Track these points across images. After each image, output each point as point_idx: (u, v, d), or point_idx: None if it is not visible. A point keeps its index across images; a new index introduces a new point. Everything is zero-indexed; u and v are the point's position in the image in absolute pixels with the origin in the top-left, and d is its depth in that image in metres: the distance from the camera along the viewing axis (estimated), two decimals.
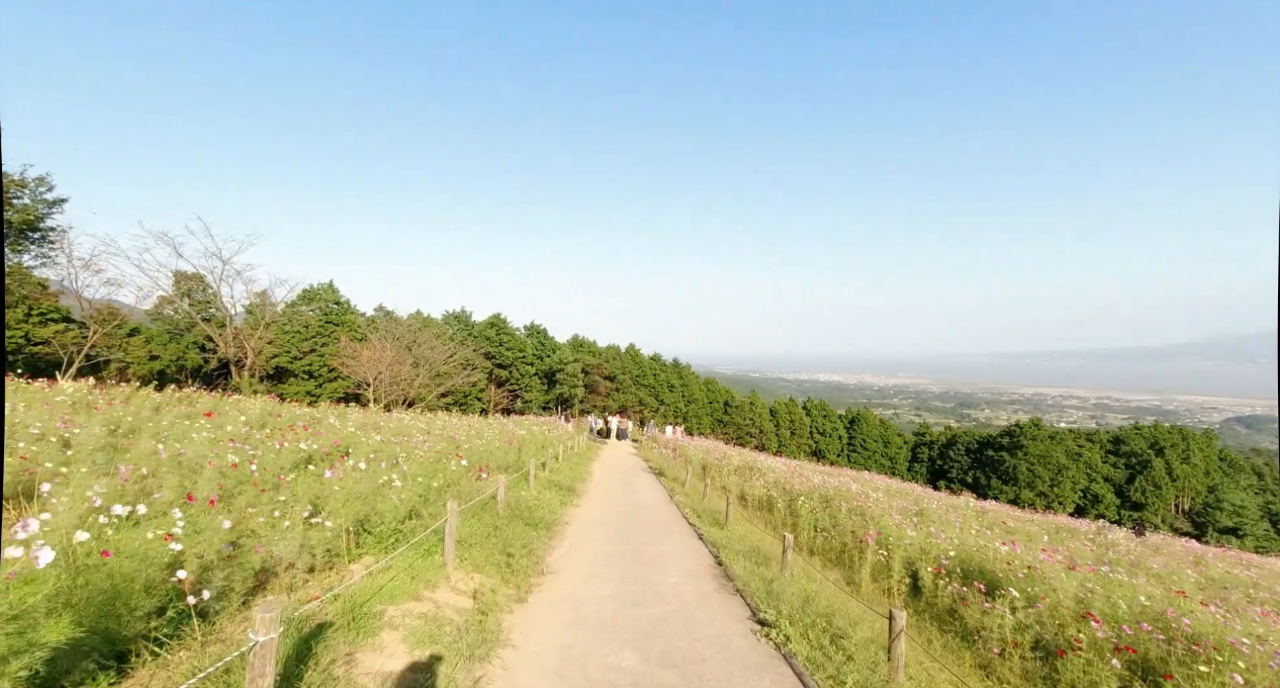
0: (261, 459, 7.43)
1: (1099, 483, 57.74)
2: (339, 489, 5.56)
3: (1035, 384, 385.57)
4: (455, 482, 8.62)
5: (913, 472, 68.56)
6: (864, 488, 17.56)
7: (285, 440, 8.93)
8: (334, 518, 5.01)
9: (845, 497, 13.82)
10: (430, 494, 7.14)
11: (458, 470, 9.15)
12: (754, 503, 15.23)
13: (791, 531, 12.38)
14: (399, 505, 6.17)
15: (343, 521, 5.10)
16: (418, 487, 6.90)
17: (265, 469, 6.27)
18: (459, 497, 7.93)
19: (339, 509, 5.15)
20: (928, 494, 30.12)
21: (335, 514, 5.07)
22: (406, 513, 6.26)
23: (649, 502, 12.78)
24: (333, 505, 5.19)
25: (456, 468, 9.18)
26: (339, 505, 5.21)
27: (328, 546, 4.71)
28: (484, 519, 7.82)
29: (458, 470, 9.15)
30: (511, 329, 53.02)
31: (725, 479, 21.17)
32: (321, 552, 4.45)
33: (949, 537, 9.56)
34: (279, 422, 12.00)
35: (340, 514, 5.11)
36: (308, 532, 4.58)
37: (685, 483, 16.28)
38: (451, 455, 10.11)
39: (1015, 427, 62.09)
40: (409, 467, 8.57)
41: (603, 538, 8.96)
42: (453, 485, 8.35)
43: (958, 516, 17.23)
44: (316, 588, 4.32)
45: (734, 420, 65.10)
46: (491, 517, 8.05)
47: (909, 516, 13.56)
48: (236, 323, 26.35)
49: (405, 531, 5.96)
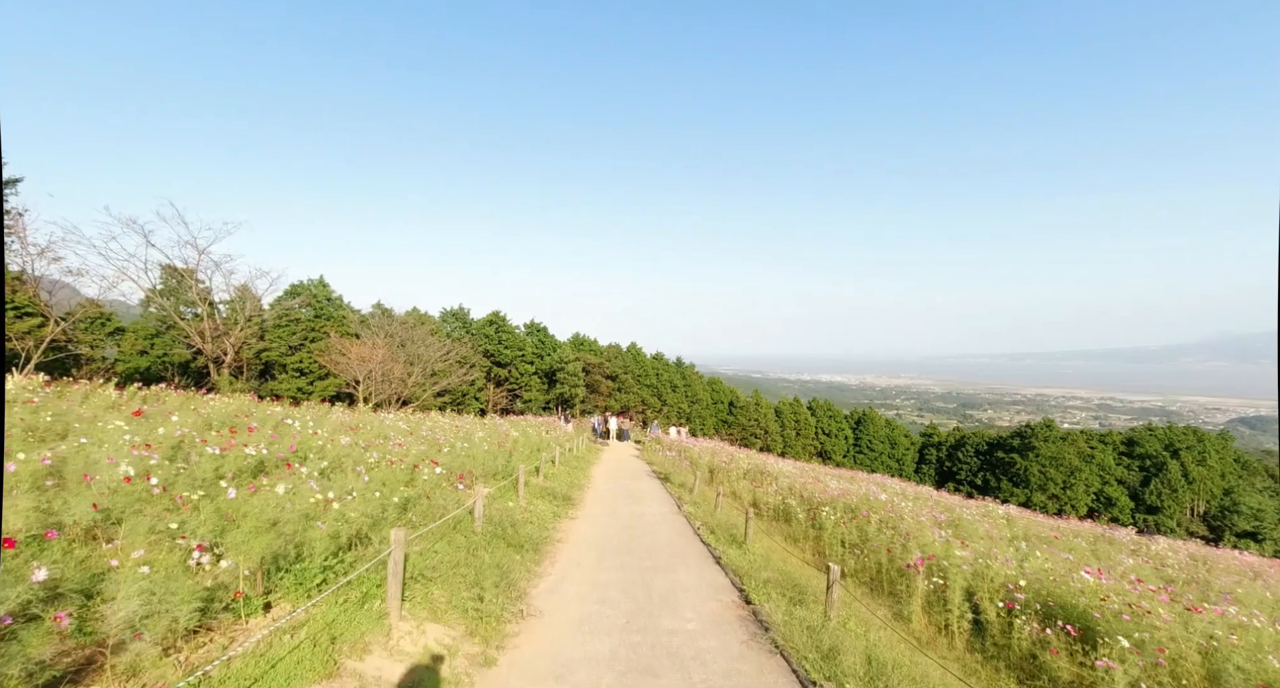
0: (191, 470, 6.09)
1: (1113, 486, 56.31)
2: (252, 511, 4.19)
3: (1037, 385, 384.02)
4: (426, 494, 7.28)
5: (920, 473, 67.18)
6: (889, 495, 16.20)
7: (230, 446, 7.58)
8: (234, 553, 3.65)
9: (873, 506, 12.44)
10: (389, 512, 5.78)
11: (431, 480, 7.79)
12: (769, 513, 13.88)
13: (813, 544, 11.02)
14: (342, 530, 4.79)
15: (245, 558, 3.74)
16: (370, 505, 5.54)
17: (172, 485, 4.91)
18: (429, 514, 6.58)
19: (244, 542, 3.79)
20: (955, 502, 28.77)
21: (237, 549, 3.71)
22: (349, 541, 4.89)
23: (655, 514, 11.40)
24: (236, 537, 3.83)
25: (430, 477, 7.82)
26: (246, 536, 3.85)
27: (203, 598, 3.34)
28: (455, 542, 6.47)
29: (431, 480, 7.79)
30: (511, 327, 51.69)
31: (734, 484, 19.81)
32: (188, 611, 3.08)
33: (1006, 556, 8.18)
34: (243, 422, 10.67)
35: (244, 549, 3.75)
36: (183, 578, 3.22)
37: (693, 489, 14.92)
38: (430, 461, 8.75)
39: (1026, 428, 60.64)
40: (374, 476, 7.21)
41: (601, 563, 7.55)
42: (420, 500, 6.99)
43: (990, 524, 15.86)
44: (175, 670, 2.97)
45: (738, 421, 63.72)
46: (466, 538, 6.70)
47: (941, 526, 12.21)
48: (218, 318, 24.93)
49: (342, 566, 4.60)
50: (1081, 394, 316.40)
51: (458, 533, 6.71)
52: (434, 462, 8.31)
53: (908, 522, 10.62)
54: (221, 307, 35.19)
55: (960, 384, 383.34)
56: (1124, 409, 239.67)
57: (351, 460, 8.15)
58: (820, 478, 22.78)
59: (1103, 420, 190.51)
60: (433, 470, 7.90)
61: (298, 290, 38.44)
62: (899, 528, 10.24)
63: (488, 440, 13.85)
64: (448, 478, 8.59)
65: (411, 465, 8.58)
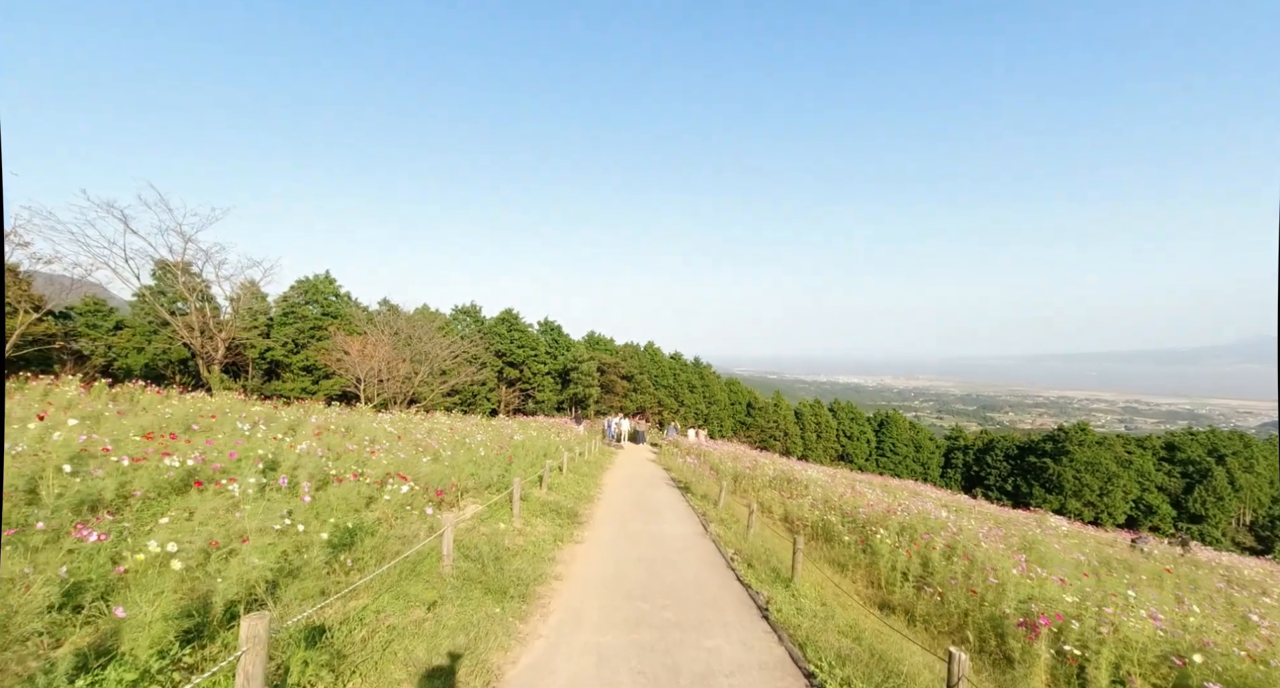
0: (84, 486, 4.56)
1: (1153, 493, 53.53)
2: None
3: (1060, 387, 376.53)
4: (390, 519, 5.66)
5: (946, 478, 64.75)
6: (931, 505, 14.37)
7: (146, 456, 6.04)
8: None
9: (932, 526, 10.64)
10: (312, 557, 4.17)
11: (397, 500, 6.18)
12: (806, 530, 12.10)
13: (865, 572, 9.25)
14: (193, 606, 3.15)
15: None
16: (285, 543, 3.92)
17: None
18: (380, 550, 4.94)
19: None
20: (993, 510, 26.70)
21: None
22: (227, 610, 3.27)
23: (677, 535, 9.62)
24: None
25: (395, 496, 6.21)
26: None
27: None
28: (410, 593, 4.81)
29: (397, 500, 6.18)
30: (524, 325, 50.20)
31: (760, 494, 18.05)
32: None
33: (1150, 609, 6.36)
34: (208, 423, 9.18)
35: None
36: None
37: (719, 502, 13.18)
38: (398, 475, 7.14)
39: (1059, 431, 57.98)
40: (325, 495, 5.61)
41: (610, 617, 5.70)
42: (376, 529, 5.37)
43: (1058, 543, 13.94)
44: None
45: (757, 423, 61.75)
46: (428, 585, 5.05)
47: (1012, 549, 10.39)
48: (208, 312, 23.53)
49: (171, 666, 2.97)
50: (1106, 397, 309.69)
51: (418, 578, 5.08)
52: (402, 476, 6.68)
53: (983, 549, 8.83)
54: (225, 303, 34.10)
55: (980, 386, 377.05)
56: (1151, 412, 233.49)
57: (306, 472, 6.57)
58: (855, 487, 20.96)
59: (1129, 424, 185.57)
60: (400, 487, 6.26)
61: (303, 286, 37.27)
62: (972, 556, 8.46)
63: (487, 445, 12.23)
64: (424, 494, 6.98)
65: (382, 477, 7.00)
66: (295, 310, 36.06)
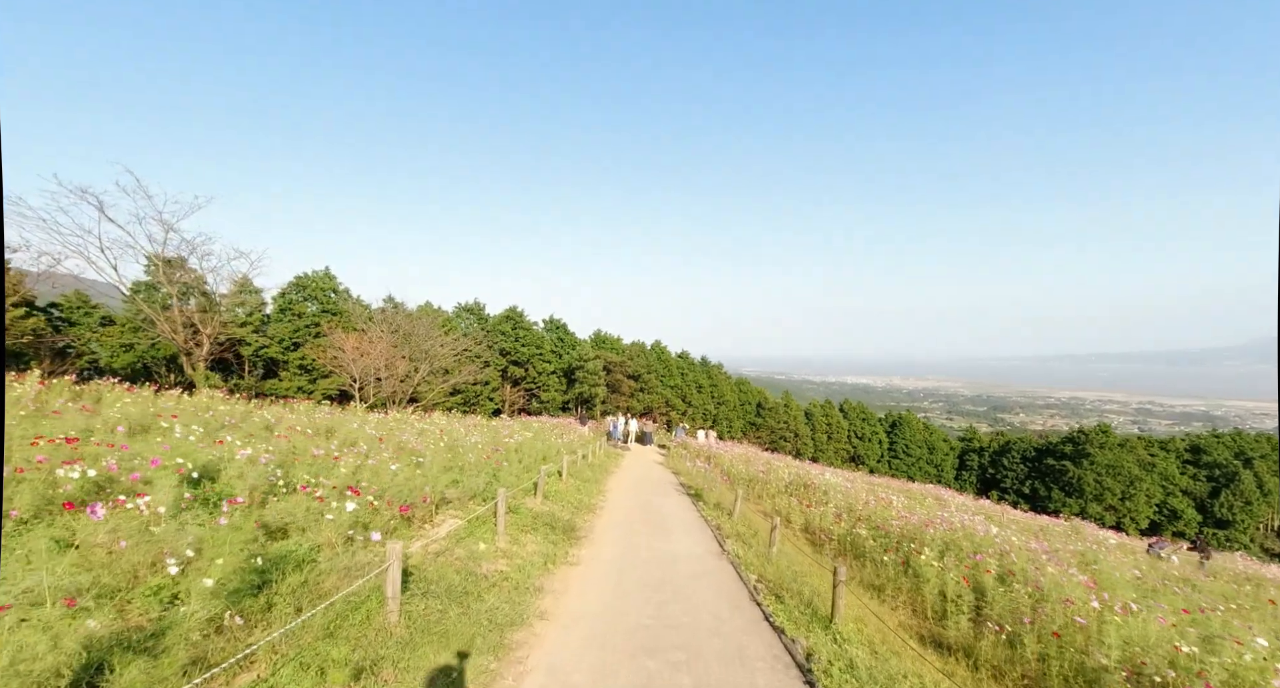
0: None
1: (1177, 497, 51.77)
2: None
3: (1071, 388, 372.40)
4: (330, 545, 4.45)
5: (960, 481, 63.11)
6: (972, 519, 13.06)
7: (42, 462, 4.90)
8: None
9: (979, 543, 9.34)
10: (190, 613, 2.97)
11: (343, 520, 4.97)
12: (831, 544, 10.84)
13: (907, 598, 7.98)
14: None
15: None
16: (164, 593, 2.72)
17: None
18: (307, 591, 3.73)
19: None
20: (1023, 518, 25.28)
21: None
22: None
23: (689, 557, 8.28)
24: None
25: (340, 516, 5.00)
26: None
27: None
28: (336, 653, 3.58)
29: (343, 520, 4.97)
30: (528, 324, 49.06)
31: (775, 501, 16.79)
32: None
33: None
34: (159, 424, 8.06)
35: None
36: None
37: (734, 512, 11.92)
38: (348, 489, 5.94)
39: (1079, 433, 56.27)
40: (254, 515, 4.42)
41: (605, 682, 4.35)
42: (308, 562, 4.16)
43: (1110, 557, 12.61)
44: None
45: (767, 424, 60.37)
46: (358, 640, 3.83)
47: (1063, 564, 9.07)
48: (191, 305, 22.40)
49: None
50: (1118, 398, 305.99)
51: (350, 631, 3.84)
52: (354, 488, 5.44)
53: (1049, 574, 7.54)
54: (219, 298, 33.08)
55: (990, 387, 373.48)
56: (1164, 413, 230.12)
57: (246, 484, 5.39)
58: (876, 492, 19.64)
59: (1142, 425, 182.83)
60: (347, 505, 5.01)
61: (302, 283, 36.26)
62: (1037, 583, 7.18)
63: (479, 448, 11.02)
64: (388, 510, 5.78)
65: (342, 488, 5.81)
66: (293, 307, 35.06)
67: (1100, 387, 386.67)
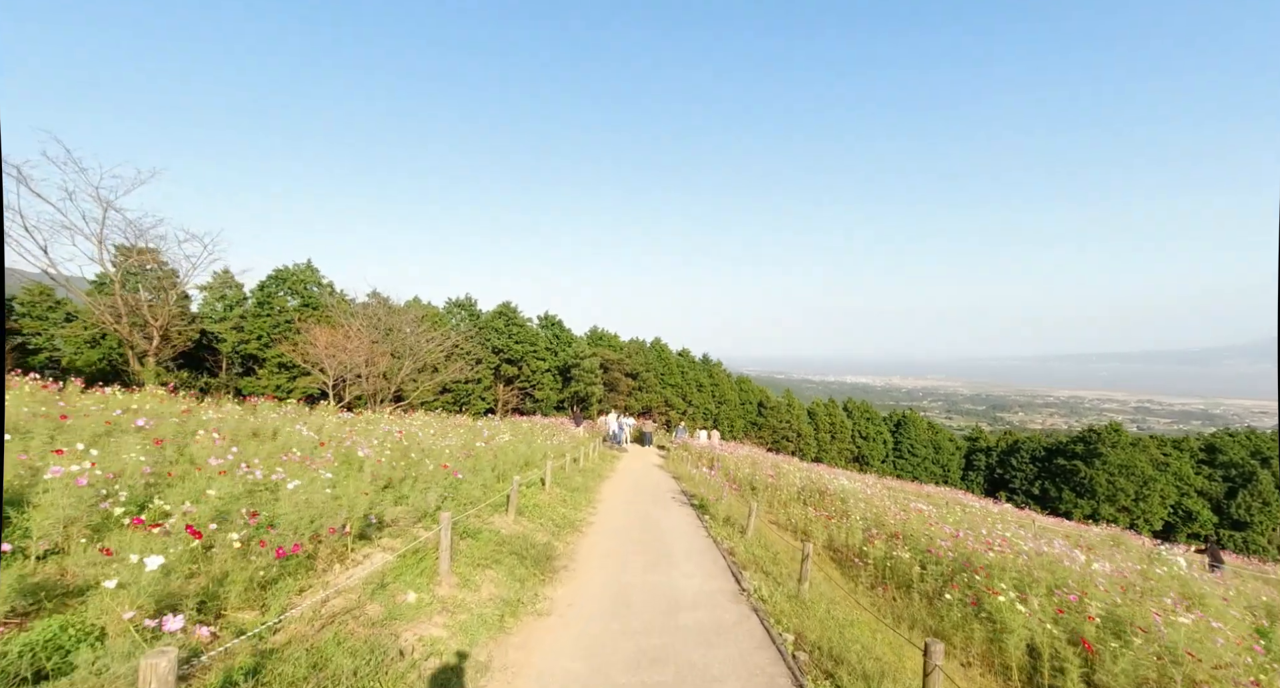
0: None
1: (1192, 498, 50.12)
2: None
3: (1070, 387, 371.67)
4: (117, 634, 2.70)
5: (967, 481, 61.44)
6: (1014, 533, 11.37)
7: None
8: None
9: (1059, 576, 7.60)
10: None
11: (143, 586, 3.22)
12: (868, 571, 9.09)
13: (981, 650, 6.26)
14: None
15: None
16: None
17: None
18: None
19: None
20: (1050, 522, 23.62)
21: None
22: None
23: (699, 602, 6.36)
24: None
25: (138, 578, 3.24)
26: None
27: None
28: None
29: (143, 586, 3.22)
30: (523, 320, 47.18)
31: (790, 510, 15.07)
32: None
33: None
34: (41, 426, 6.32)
35: None
36: None
37: (748, 531, 10.15)
38: (262, 502, 4.19)
39: (1090, 432, 54.62)
40: None
41: None
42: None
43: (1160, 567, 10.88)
44: None
45: (769, 423, 58.64)
46: None
47: (1129, 590, 7.35)
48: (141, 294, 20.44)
49: None
50: (1117, 397, 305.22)
51: None
52: (193, 530, 3.59)
53: (1181, 627, 5.79)
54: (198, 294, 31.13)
55: (989, 386, 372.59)
56: (1163, 412, 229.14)
57: (60, 512, 3.63)
58: (898, 499, 17.92)
59: (1141, 424, 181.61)
60: (156, 559, 3.17)
61: (282, 276, 34.42)
62: (1158, 633, 5.45)
63: (439, 456, 9.22)
64: (259, 557, 4.02)
65: (216, 517, 4.09)
66: (272, 301, 33.24)
67: (1100, 386, 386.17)
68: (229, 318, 31.21)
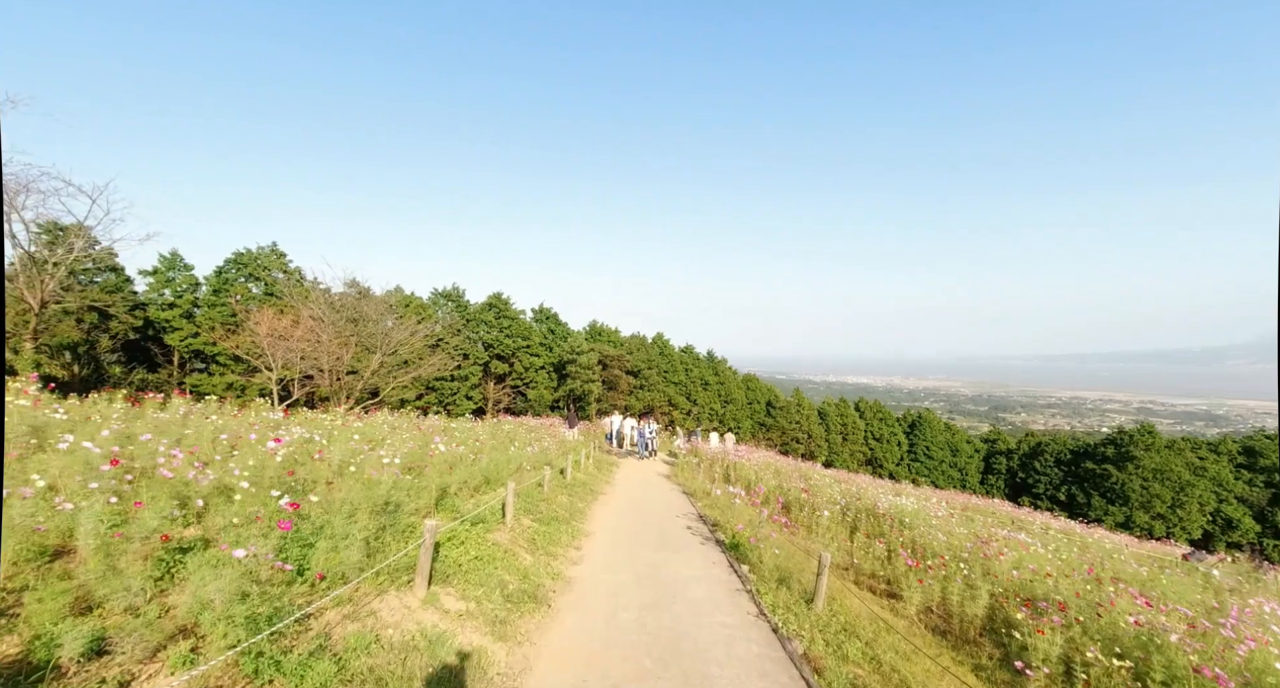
0: None
1: (1232, 504, 46.68)
2: None
3: (1072, 387, 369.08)
4: None
5: (986, 485, 57.97)
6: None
7: None
8: None
9: None
10: None
11: None
12: (953, 631, 5.61)
13: None
14: None
15: None
16: None
17: None
18: None
19: None
20: (1101, 534, 20.27)
21: None
22: None
23: None
24: None
25: None
26: None
27: None
28: None
29: None
30: (515, 312, 43.65)
31: (834, 534, 11.65)
32: None
33: None
34: None
35: None
36: None
37: (817, 600, 6.65)
38: None
39: (1120, 434, 51.22)
40: None
41: None
42: None
43: None
44: None
45: (778, 424, 55.17)
46: None
47: None
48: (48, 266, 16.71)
49: None
50: (1120, 397, 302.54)
51: None
52: None
53: None
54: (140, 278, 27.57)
55: (991, 386, 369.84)
56: (1166, 413, 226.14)
57: None
58: (978, 521, 14.50)
59: None
60: None
61: (242, 260, 30.79)
62: None
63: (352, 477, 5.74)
64: None
65: None
66: (229, 288, 29.62)
67: (1102, 386, 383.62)
68: (179, 305, 27.65)
